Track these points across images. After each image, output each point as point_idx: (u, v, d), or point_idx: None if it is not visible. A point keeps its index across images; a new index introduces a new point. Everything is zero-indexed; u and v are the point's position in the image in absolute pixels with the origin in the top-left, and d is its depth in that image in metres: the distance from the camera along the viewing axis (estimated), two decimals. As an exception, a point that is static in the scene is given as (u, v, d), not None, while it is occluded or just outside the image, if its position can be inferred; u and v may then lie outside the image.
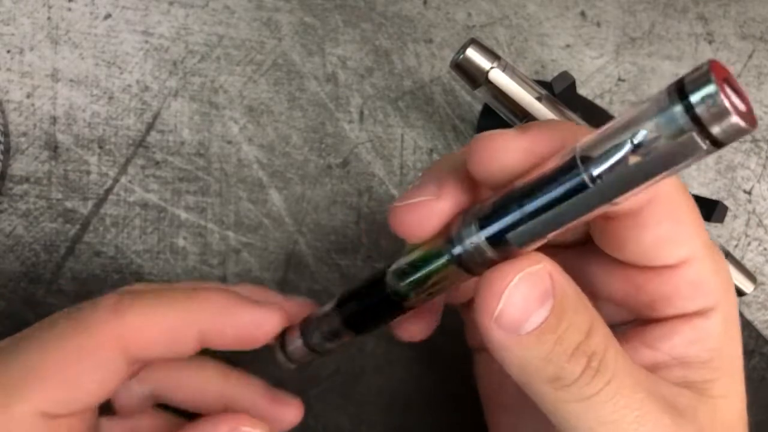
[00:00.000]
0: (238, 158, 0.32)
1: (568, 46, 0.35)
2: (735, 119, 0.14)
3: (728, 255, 0.33)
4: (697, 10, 0.37)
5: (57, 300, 0.30)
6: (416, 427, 0.32)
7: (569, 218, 0.17)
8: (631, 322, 0.23)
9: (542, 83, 0.30)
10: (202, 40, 0.32)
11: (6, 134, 0.30)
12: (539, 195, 0.17)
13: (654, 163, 0.15)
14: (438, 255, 0.20)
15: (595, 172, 0.16)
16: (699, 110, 0.14)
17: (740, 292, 0.33)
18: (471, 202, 0.20)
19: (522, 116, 0.29)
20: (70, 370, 0.21)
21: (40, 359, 0.21)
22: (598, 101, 0.35)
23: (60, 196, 0.30)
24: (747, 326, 0.35)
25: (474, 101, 0.34)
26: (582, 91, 0.35)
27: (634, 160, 0.15)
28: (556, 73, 0.31)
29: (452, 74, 0.31)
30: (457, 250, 0.19)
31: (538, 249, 0.19)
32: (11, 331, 0.22)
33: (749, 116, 0.14)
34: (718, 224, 0.35)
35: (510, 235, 0.18)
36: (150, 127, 0.31)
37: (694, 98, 0.14)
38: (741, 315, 0.35)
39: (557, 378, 0.18)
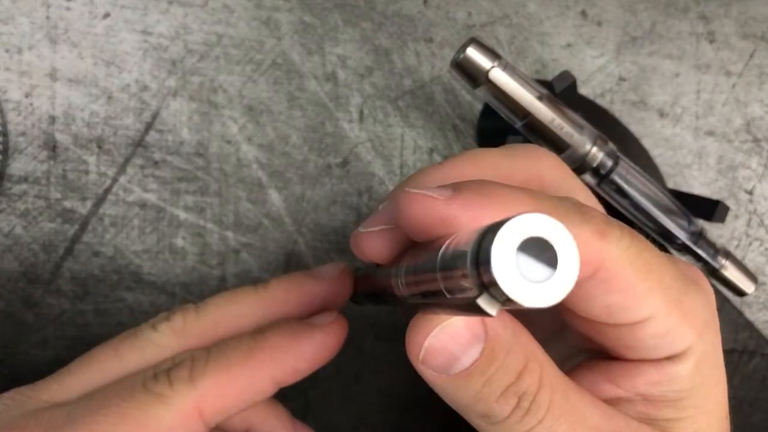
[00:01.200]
0: (237, 158, 0.31)
1: (568, 45, 0.35)
2: (518, 299, 0.12)
3: (729, 255, 0.33)
4: (698, 10, 0.37)
5: (56, 300, 0.30)
6: (416, 427, 0.32)
7: (441, 312, 0.17)
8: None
9: (543, 82, 0.30)
10: (201, 39, 0.32)
11: (4, 134, 0.29)
12: (418, 282, 0.16)
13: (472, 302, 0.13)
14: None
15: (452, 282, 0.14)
16: (483, 279, 0.12)
17: (741, 293, 0.33)
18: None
19: (522, 116, 0.29)
20: None
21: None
22: (598, 100, 0.35)
23: (59, 195, 0.30)
24: (747, 326, 0.35)
25: (474, 101, 0.34)
26: (583, 90, 0.35)
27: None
28: (556, 73, 0.31)
29: (452, 73, 0.31)
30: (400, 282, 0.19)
31: None
32: (10, 331, 0.22)
33: (553, 289, 0.12)
34: (720, 224, 0.34)
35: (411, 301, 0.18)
36: (149, 126, 0.31)
37: (480, 261, 0.12)
38: (741, 315, 0.35)
39: (487, 415, 0.19)
